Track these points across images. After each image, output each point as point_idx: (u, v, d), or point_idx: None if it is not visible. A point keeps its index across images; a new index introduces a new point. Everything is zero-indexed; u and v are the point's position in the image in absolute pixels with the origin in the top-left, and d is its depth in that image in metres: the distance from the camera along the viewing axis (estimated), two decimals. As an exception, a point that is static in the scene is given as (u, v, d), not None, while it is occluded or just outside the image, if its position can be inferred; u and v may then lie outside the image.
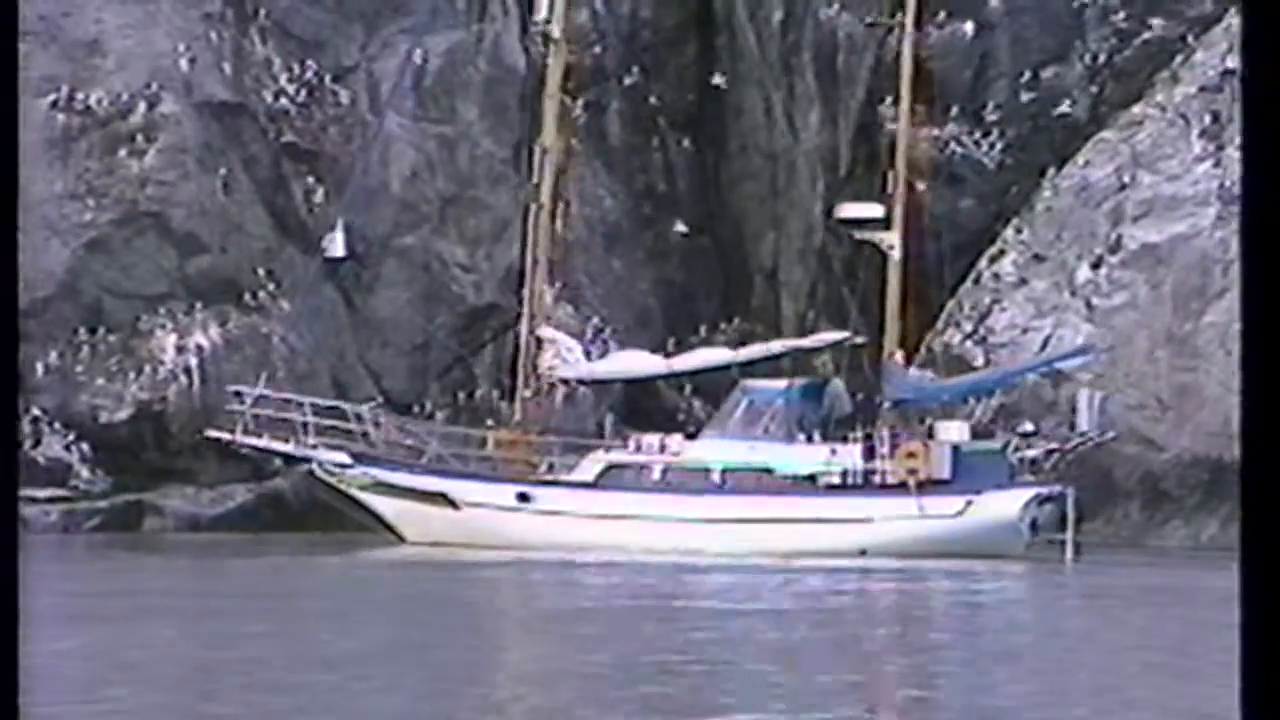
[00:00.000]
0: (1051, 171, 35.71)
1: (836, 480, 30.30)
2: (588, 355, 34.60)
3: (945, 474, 29.98)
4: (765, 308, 38.17)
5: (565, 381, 32.50)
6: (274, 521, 33.44)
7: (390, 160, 36.69)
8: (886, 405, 31.16)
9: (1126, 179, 34.64)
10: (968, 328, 34.93)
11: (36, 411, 33.24)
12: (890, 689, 16.43)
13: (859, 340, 32.36)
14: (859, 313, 34.50)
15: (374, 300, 36.41)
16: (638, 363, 32.78)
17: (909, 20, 33.33)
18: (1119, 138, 35.22)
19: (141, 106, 34.70)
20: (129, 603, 22.46)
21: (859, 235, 33.07)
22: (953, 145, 36.45)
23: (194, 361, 34.46)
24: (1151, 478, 33.38)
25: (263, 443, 30.70)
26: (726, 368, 32.08)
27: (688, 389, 35.92)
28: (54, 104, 34.36)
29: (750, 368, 32.01)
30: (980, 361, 34.40)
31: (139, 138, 34.72)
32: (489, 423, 32.91)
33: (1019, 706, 14.96)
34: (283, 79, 35.89)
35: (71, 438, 33.61)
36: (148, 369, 34.19)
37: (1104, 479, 33.19)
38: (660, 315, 38.14)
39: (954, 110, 36.41)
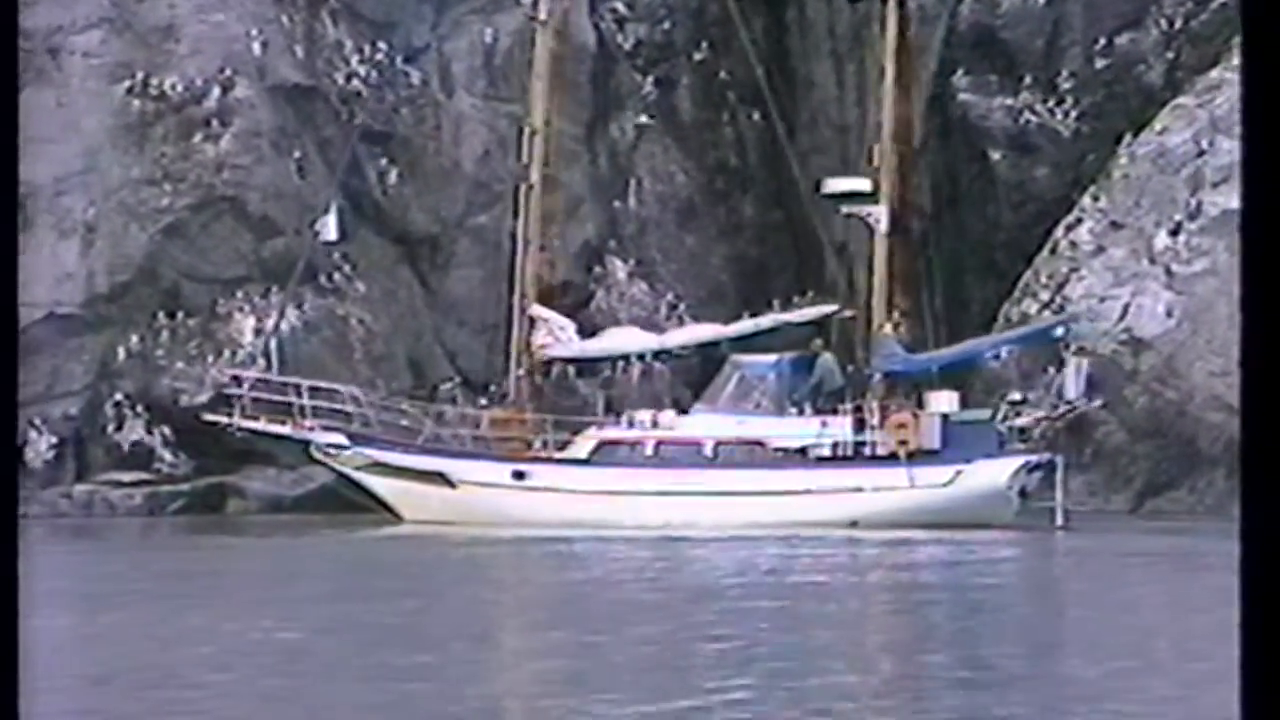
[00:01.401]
0: (1128, 139, 35.65)
1: (827, 452, 30.61)
2: (662, 331, 34.76)
3: (935, 444, 30.30)
4: (838, 281, 38.18)
5: (557, 360, 32.47)
6: (354, 502, 33.66)
7: (462, 140, 36.85)
8: (876, 377, 31.32)
9: (1205, 144, 34.55)
10: (1045, 297, 34.93)
11: (119, 396, 33.55)
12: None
13: (847, 313, 32.59)
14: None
15: (449, 280, 36.61)
16: (630, 340, 33.04)
17: None
18: (1196, 103, 35.12)
19: (216, 91, 34.96)
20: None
21: (846, 209, 33.15)
22: (1027, 114, 36.40)
23: (272, 344, 34.70)
24: (1236, 444, 33.34)
25: (260, 425, 31.14)
26: (717, 343, 32.39)
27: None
28: (129, 90, 34.67)
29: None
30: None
31: (214, 122, 34.99)
32: (481, 401, 33.02)
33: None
34: (354, 61, 36.10)
35: (153, 421, 33.89)
36: (227, 352, 34.45)
37: (1188, 446, 33.18)
38: (733, 290, 38.24)
39: (1027, 79, 36.33)
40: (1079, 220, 35.12)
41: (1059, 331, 31.87)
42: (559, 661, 15.61)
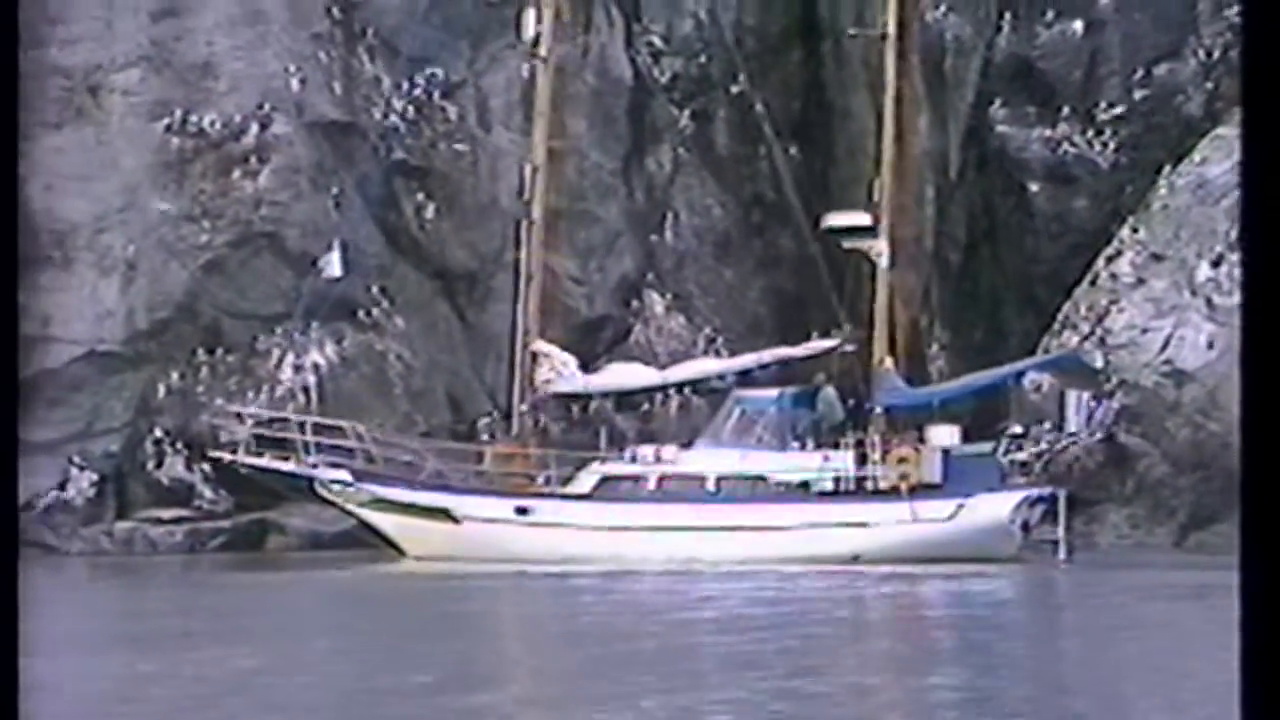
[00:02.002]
0: (1167, 169, 35.65)
1: (829, 487, 30.76)
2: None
3: (936, 478, 30.44)
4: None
5: (560, 396, 32.55)
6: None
7: (499, 175, 36.98)
8: (877, 411, 31.45)
9: (1245, 175, 34.49)
10: (1085, 329, 34.90)
11: (159, 433, 33.64)
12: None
13: (849, 348, 32.76)
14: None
15: (486, 315, 36.72)
16: (632, 376, 33.21)
17: (891, 24, 33.37)
18: (1236, 133, 35.11)
19: (254, 128, 35.16)
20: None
21: (847, 244, 33.37)
22: (1065, 145, 36.41)
23: (311, 380, 34.83)
24: None
25: (264, 462, 31.39)
26: (720, 378, 32.58)
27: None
28: (168, 127, 34.88)
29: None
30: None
31: (252, 159, 35.18)
32: (485, 437, 33.11)
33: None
34: (392, 97, 36.23)
35: (193, 458, 34.00)
36: (266, 388, 34.57)
37: (1231, 480, 33.11)
38: (771, 323, 38.28)
39: (1065, 110, 36.36)
40: (1119, 252, 35.11)
41: (1064, 364, 32.01)
42: None
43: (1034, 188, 36.32)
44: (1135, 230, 35.05)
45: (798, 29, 39.06)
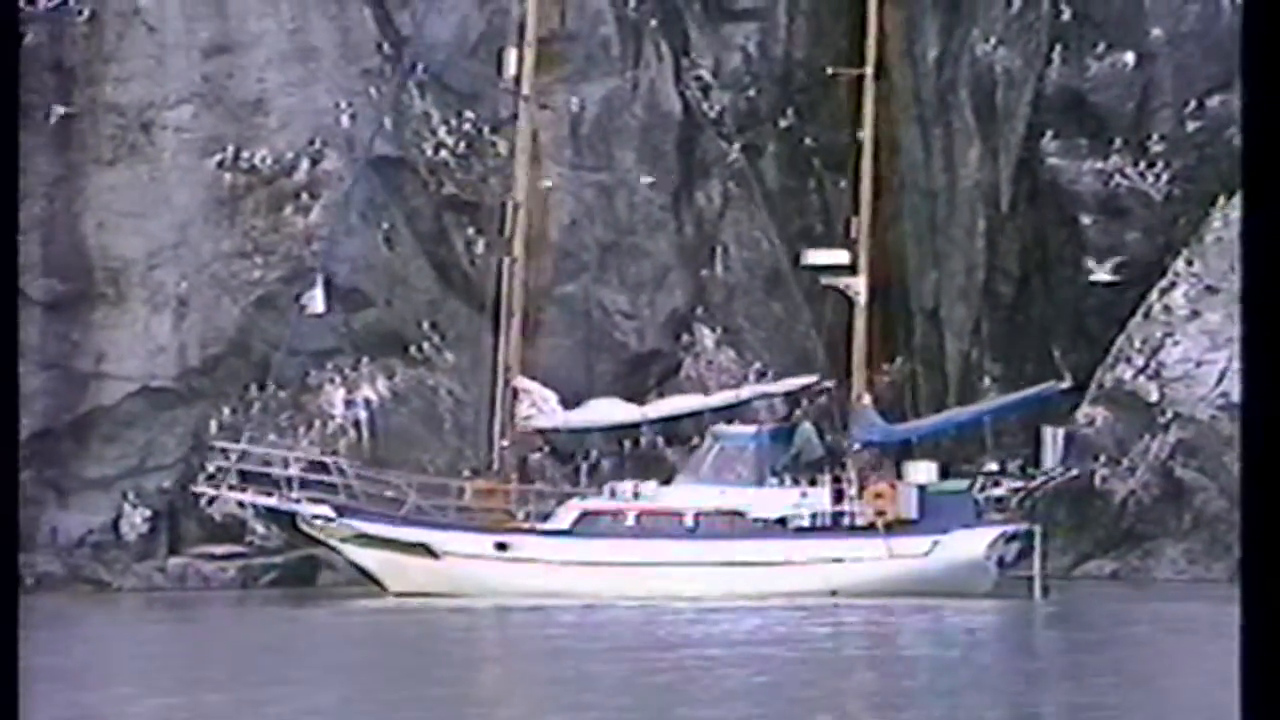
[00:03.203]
0: (1221, 201, 35.70)
1: (806, 523, 31.19)
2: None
3: (912, 514, 30.96)
4: (928, 347, 38.32)
5: (541, 431, 32.91)
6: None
7: (549, 209, 37.15)
8: (855, 447, 31.97)
9: (1300, 206, 34.51)
10: (1139, 362, 34.94)
11: (211, 469, 33.83)
12: None
13: (826, 384, 33.36)
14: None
15: (536, 350, 36.84)
16: (612, 411, 33.63)
17: (870, 65, 33.70)
18: (1289, 165, 35.11)
19: (305, 164, 35.43)
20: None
21: (825, 280, 34.06)
22: (1117, 177, 36.46)
23: (363, 415, 35.02)
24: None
25: (248, 497, 31.94)
26: (700, 414, 33.11)
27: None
28: (220, 164, 35.14)
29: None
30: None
31: (303, 195, 35.43)
32: (465, 472, 33.35)
33: None
34: (441, 132, 36.50)
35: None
36: (317, 424, 34.77)
37: None
38: (821, 356, 38.34)
39: (1117, 142, 36.41)
40: (1173, 284, 35.16)
41: (1040, 401, 32.37)
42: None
43: (1086, 220, 36.37)
44: (1189, 263, 35.10)
45: (846, 62, 39.19)
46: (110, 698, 17.80)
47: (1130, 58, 36.67)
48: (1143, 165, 36.42)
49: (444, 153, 36.50)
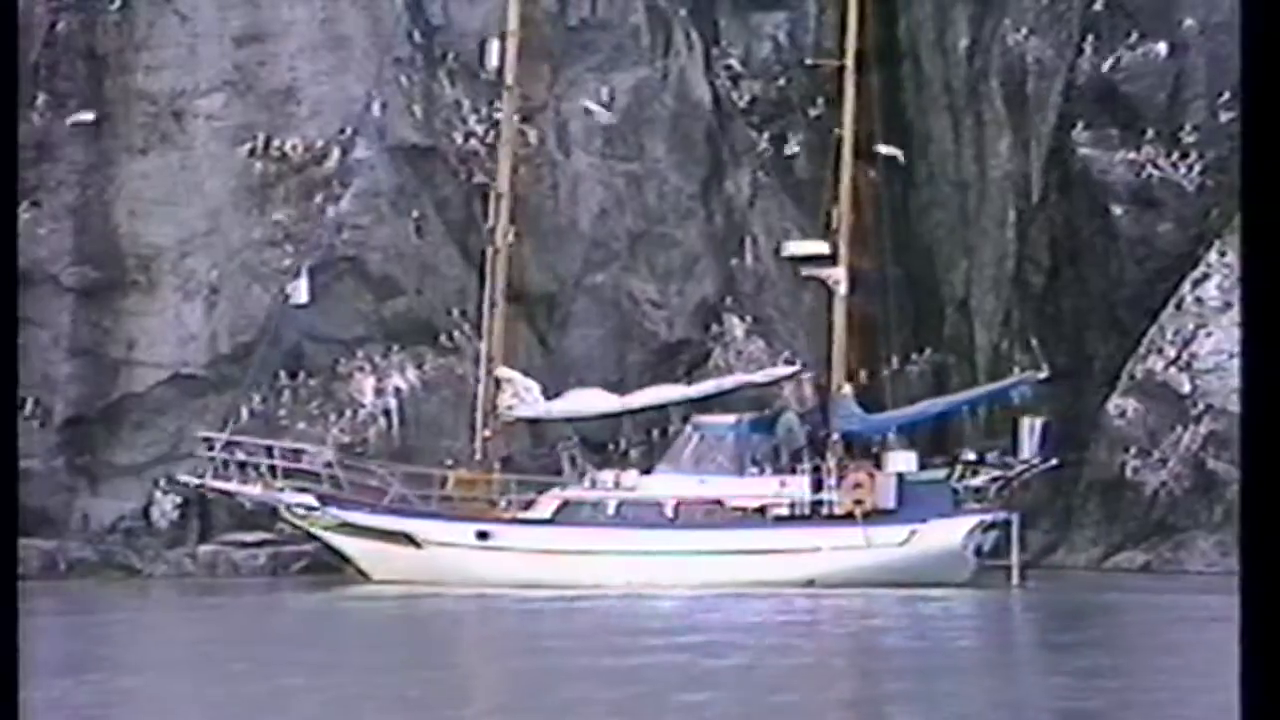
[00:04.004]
0: (1253, 192, 35.64)
1: (785, 512, 31.52)
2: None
3: (890, 504, 31.31)
4: (958, 338, 38.42)
5: (522, 420, 33.43)
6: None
7: (579, 198, 37.29)
8: (835, 437, 32.29)
9: (1333, 198, 34.50)
10: (1171, 354, 34.99)
11: (241, 456, 34.01)
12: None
13: (806, 375, 33.92)
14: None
15: (567, 339, 37.01)
16: (593, 401, 33.91)
17: (850, 56, 33.92)
18: (1323, 156, 35.12)
19: (336, 152, 35.58)
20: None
21: (805, 271, 34.36)
22: (1149, 168, 36.49)
23: (393, 403, 35.19)
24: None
25: (232, 487, 32.27)
26: (680, 404, 33.52)
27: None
28: (251, 152, 35.30)
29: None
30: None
31: (334, 183, 35.57)
32: (449, 461, 33.56)
33: None
34: (472, 120, 36.60)
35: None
36: (348, 412, 34.94)
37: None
38: (851, 347, 38.39)
39: (1150, 133, 36.43)
40: (1206, 276, 35.18)
41: (1016, 392, 32.53)
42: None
43: (1118, 211, 36.42)
44: (1222, 254, 35.12)
45: (877, 51, 39.24)
46: (142, 682, 18.01)
47: (1163, 48, 36.68)
48: (1175, 156, 36.42)
49: (474, 141, 36.64)
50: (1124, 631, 24.81)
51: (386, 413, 35.24)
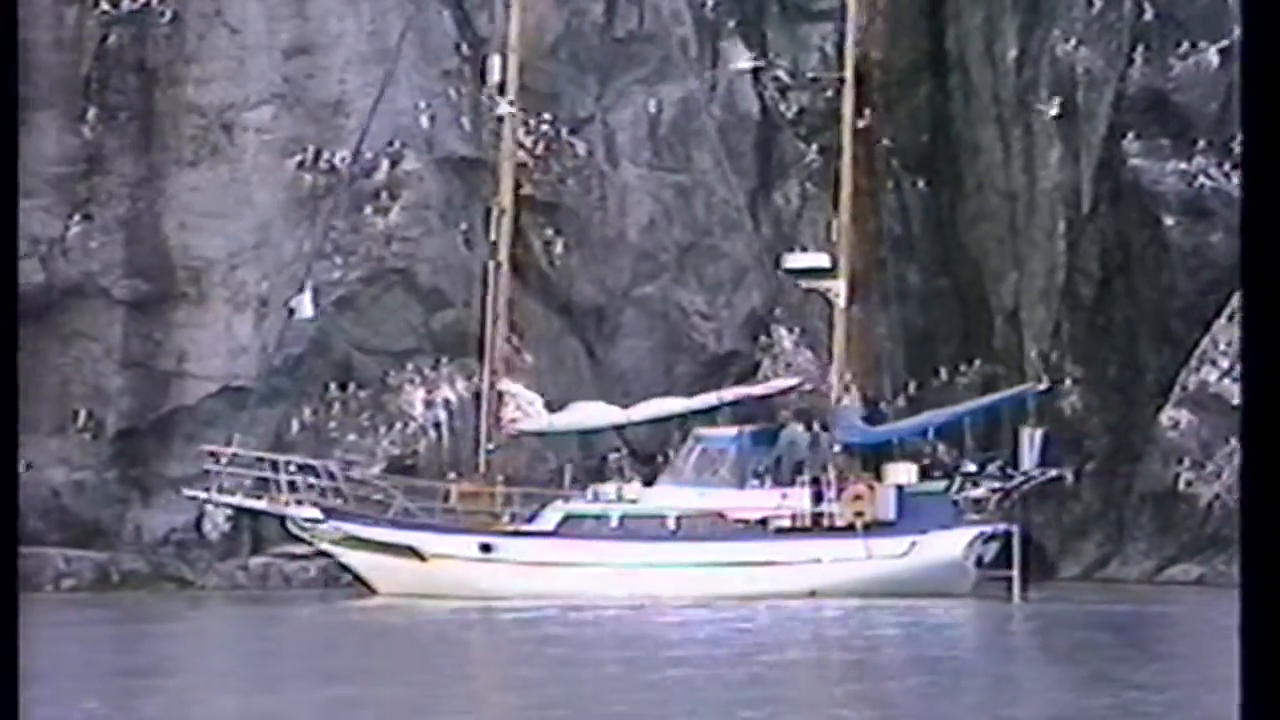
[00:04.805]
0: (1306, 202, 35.62)
1: (786, 524, 31.78)
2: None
3: (890, 515, 31.64)
4: (1007, 349, 38.45)
5: (525, 434, 33.74)
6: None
7: (627, 210, 37.43)
8: (837, 449, 32.57)
9: (1388, 207, 34.47)
10: (1224, 365, 34.95)
11: (292, 469, 34.19)
12: None
13: (808, 387, 34.07)
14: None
15: (615, 351, 37.16)
16: (595, 414, 34.19)
17: (849, 69, 33.95)
18: (1376, 166, 35.09)
19: (385, 164, 35.76)
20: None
21: (806, 284, 34.64)
22: (1201, 178, 36.50)
23: (443, 416, 35.34)
24: None
25: (237, 500, 32.58)
26: (682, 416, 33.75)
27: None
28: (300, 164, 35.50)
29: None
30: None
31: (383, 195, 35.76)
32: (451, 475, 33.71)
33: None
34: (520, 132, 36.73)
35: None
36: (398, 424, 35.10)
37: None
38: (900, 359, 38.47)
39: (1201, 143, 36.44)
40: (1258, 286, 35.11)
41: (1019, 404, 32.68)
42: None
43: (1169, 221, 36.43)
44: (1274, 264, 35.05)
45: (925, 62, 39.33)
46: (192, 696, 18.19)
47: (1214, 57, 36.70)
48: (1227, 166, 36.43)
49: (522, 153, 36.80)
50: (1120, 643, 24.76)
51: (436, 425, 35.41)
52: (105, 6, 35.11)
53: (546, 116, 37.21)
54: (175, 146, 35.54)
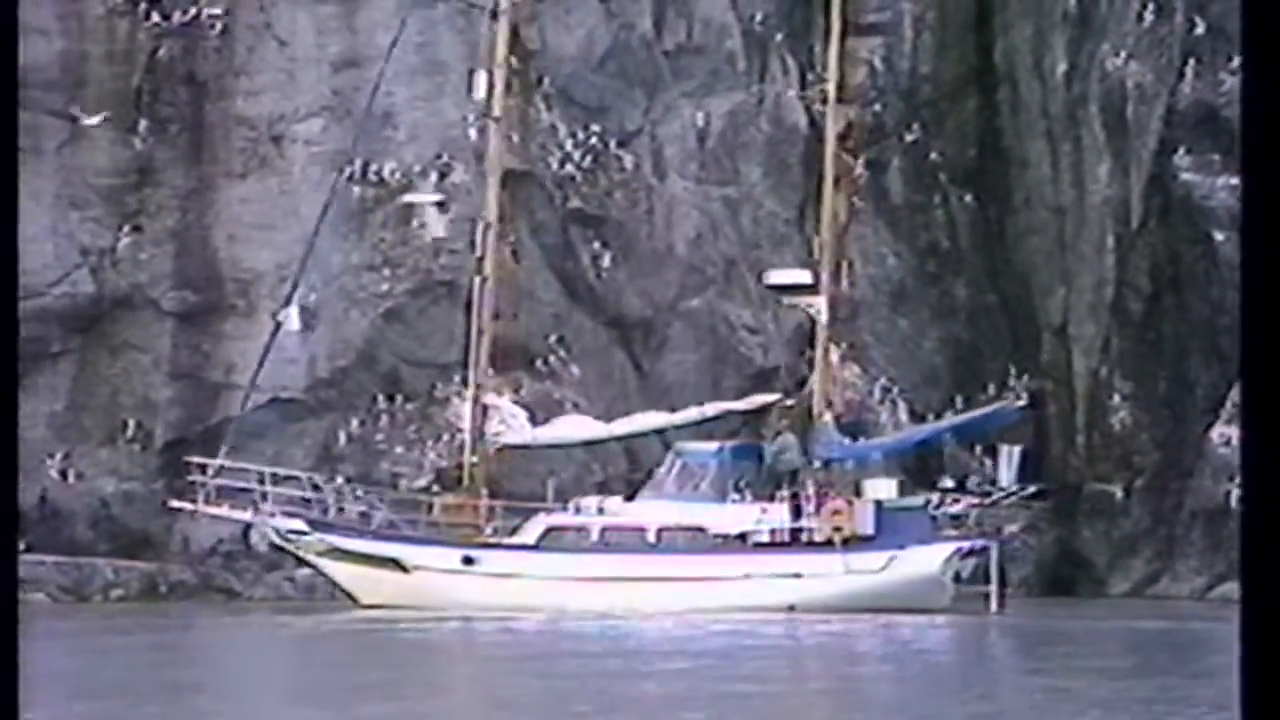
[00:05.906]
0: (1358, 218, 35.62)
1: (765, 538, 32.08)
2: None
3: (869, 530, 31.96)
4: (1055, 364, 38.51)
5: (509, 447, 33.94)
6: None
7: (675, 223, 37.58)
8: (816, 464, 32.90)
9: None
10: (1274, 380, 34.93)
11: (339, 479, 34.43)
12: None
13: (788, 402, 34.21)
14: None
15: (662, 364, 37.32)
16: (579, 428, 34.46)
17: (832, 86, 34.00)
18: None
19: (433, 177, 35.93)
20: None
21: (787, 300, 35.01)
22: (1252, 194, 36.50)
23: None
24: None
25: (223, 511, 32.82)
26: (664, 431, 34.10)
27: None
28: (349, 177, 35.74)
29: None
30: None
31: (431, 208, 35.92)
32: (435, 489, 33.85)
33: None
34: (568, 145, 36.99)
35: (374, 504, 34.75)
36: (445, 436, 35.27)
37: None
38: (947, 373, 38.60)
39: (1252, 158, 36.45)
40: (1309, 301, 35.11)
41: (999, 420, 32.74)
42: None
43: (1220, 236, 36.46)
44: (1326, 279, 35.05)
45: (973, 76, 39.42)
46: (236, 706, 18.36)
47: (1265, 72, 36.69)
48: (1278, 181, 36.41)
49: (570, 166, 36.98)
50: (1081, 659, 24.76)
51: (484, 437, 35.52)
52: (156, 19, 35.43)
53: (594, 129, 37.40)
54: (225, 159, 35.84)
